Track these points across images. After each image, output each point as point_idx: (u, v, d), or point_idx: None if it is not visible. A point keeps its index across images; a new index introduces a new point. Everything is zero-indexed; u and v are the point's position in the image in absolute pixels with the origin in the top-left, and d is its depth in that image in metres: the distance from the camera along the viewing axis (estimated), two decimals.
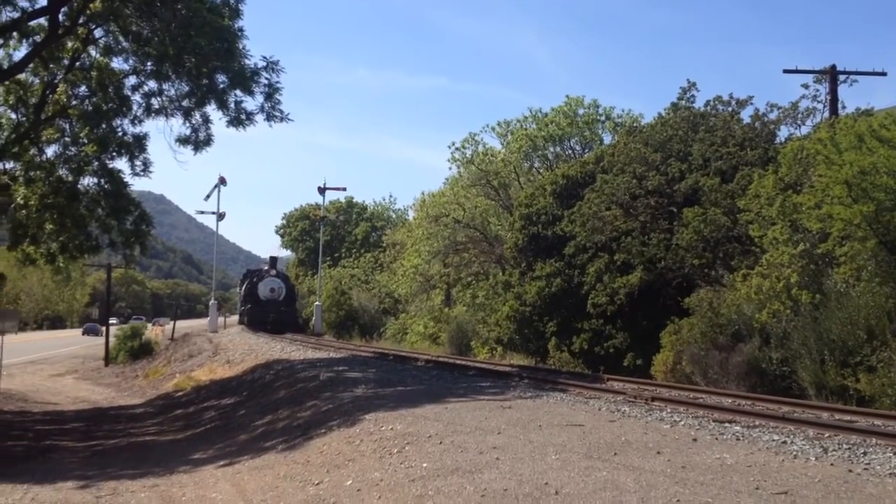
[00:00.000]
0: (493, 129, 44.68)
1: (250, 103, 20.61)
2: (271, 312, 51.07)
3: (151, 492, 10.82)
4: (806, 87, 25.61)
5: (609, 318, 25.37)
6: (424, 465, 9.07)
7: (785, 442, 9.74)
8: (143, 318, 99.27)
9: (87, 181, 22.59)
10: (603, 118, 42.82)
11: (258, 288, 53.39)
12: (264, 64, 20.31)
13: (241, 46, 19.85)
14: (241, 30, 20.06)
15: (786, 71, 25.34)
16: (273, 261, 59.46)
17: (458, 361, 26.00)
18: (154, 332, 60.87)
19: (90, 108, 21.84)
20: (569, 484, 7.68)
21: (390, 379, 17.91)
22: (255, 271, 60.78)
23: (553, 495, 7.39)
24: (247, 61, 20.09)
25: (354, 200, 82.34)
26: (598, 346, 25.45)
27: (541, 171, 42.25)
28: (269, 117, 20.70)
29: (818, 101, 25.47)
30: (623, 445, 9.39)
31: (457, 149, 44.76)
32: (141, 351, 48.16)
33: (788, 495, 7.06)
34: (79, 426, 20.91)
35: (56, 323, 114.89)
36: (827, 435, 10.49)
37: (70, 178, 22.22)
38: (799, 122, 25.70)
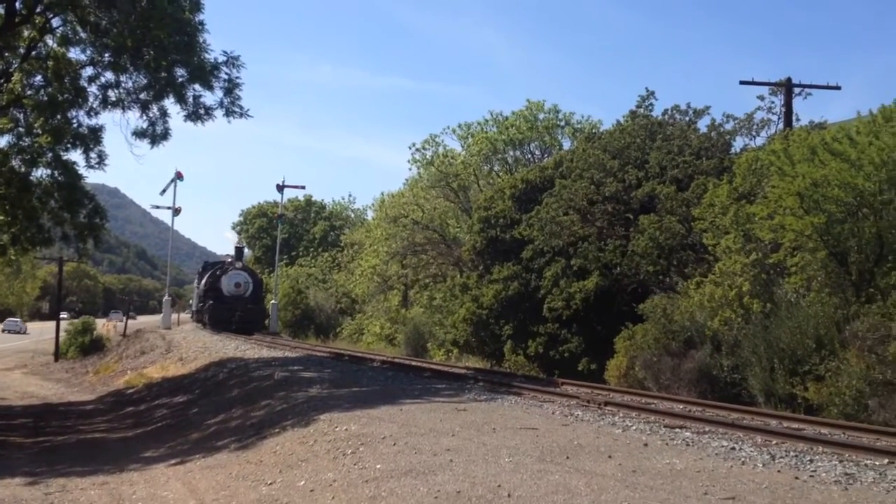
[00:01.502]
0: (454, 131, 44.83)
1: (209, 98, 20.50)
2: (237, 310, 44.91)
3: (101, 489, 10.68)
4: (762, 98, 26.03)
5: (565, 322, 25.56)
6: (378, 466, 9.08)
7: (734, 448, 9.90)
8: (131, 313, 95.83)
9: (41, 172, 22.27)
10: (563, 123, 43.18)
11: (221, 282, 47.20)
12: (225, 59, 20.24)
13: (201, 40, 19.76)
14: (201, 23, 19.92)
15: (742, 82, 25.71)
16: (239, 252, 53.40)
17: (414, 363, 26.00)
18: (106, 327, 59.91)
19: (45, 98, 21.49)
20: (521, 487, 7.74)
21: (345, 379, 17.87)
22: (216, 264, 54.53)
23: (506, 498, 7.44)
24: (207, 55, 20.00)
25: (313, 199, 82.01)
26: (554, 350, 25.62)
27: (500, 174, 42.44)
28: (229, 112, 20.61)
29: (773, 113, 25.91)
30: (575, 449, 9.48)
31: (417, 150, 44.88)
32: (92, 347, 47.42)
33: (736, 501, 7.19)
34: (27, 422, 20.56)
35: (5, 316, 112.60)
36: (775, 442, 10.68)
37: (22, 169, 21.87)
38: (754, 133, 26.12)
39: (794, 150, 17.83)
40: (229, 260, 52.64)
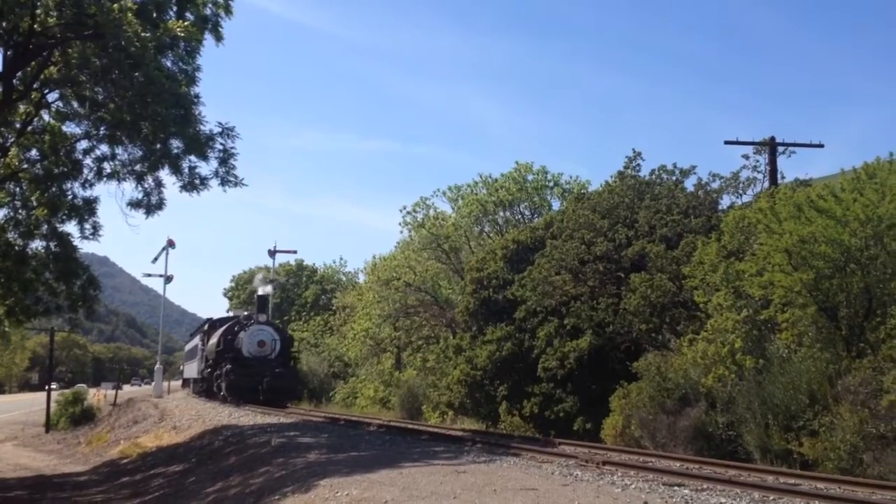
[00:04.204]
0: (444, 193, 45.29)
1: (204, 168, 20.76)
2: (265, 376, 36.14)
3: None
4: (746, 157, 26.55)
5: (559, 381, 25.64)
6: None
7: None
8: (147, 379, 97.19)
9: (36, 244, 22.51)
10: (551, 184, 43.70)
11: (240, 341, 38.26)
12: (220, 130, 20.50)
13: (197, 112, 20.07)
14: (197, 96, 20.28)
15: (727, 142, 26.21)
16: (263, 303, 43.21)
17: (411, 426, 25.96)
18: (96, 397, 59.40)
19: (41, 171, 21.83)
20: None
21: (343, 444, 17.88)
22: (227, 319, 46.34)
23: None
24: (202, 127, 20.28)
25: (304, 263, 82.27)
26: (549, 411, 25.63)
27: (491, 235, 42.83)
28: (224, 182, 20.78)
29: (758, 171, 26.40)
30: None
31: (408, 213, 45.22)
32: (83, 417, 47.08)
33: None
34: (22, 494, 20.41)
35: None
36: (772, 497, 10.78)
37: (19, 242, 22.08)
38: (740, 191, 26.58)
39: (781, 208, 18.19)
40: (245, 314, 44.15)
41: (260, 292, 44.59)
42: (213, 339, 42.83)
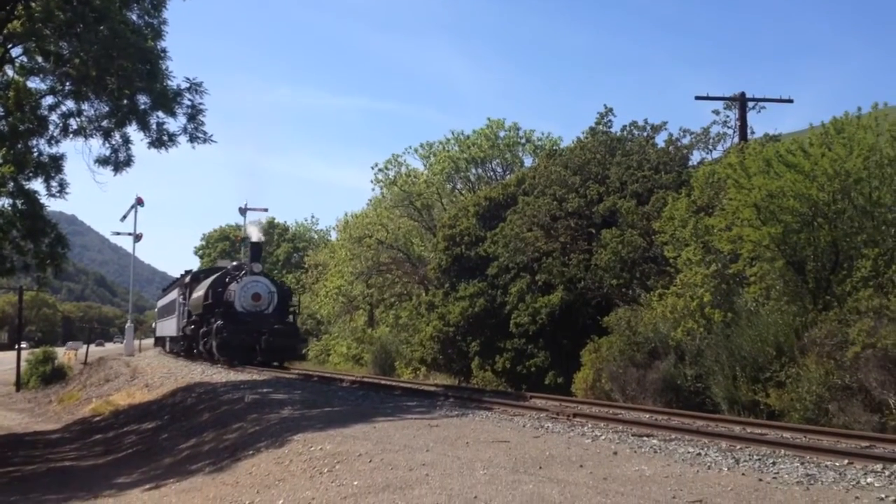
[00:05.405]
0: (416, 150, 45.12)
1: (173, 124, 20.51)
2: (263, 332, 31.49)
3: None
4: (717, 112, 26.62)
5: (531, 337, 25.83)
6: (355, 482, 9.24)
7: (699, 454, 10.20)
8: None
9: (2, 202, 22.19)
10: (523, 141, 43.64)
11: (232, 294, 33.18)
12: (187, 85, 20.24)
13: (164, 67, 19.78)
14: (164, 51, 19.99)
15: (697, 97, 26.23)
16: (256, 251, 36.20)
17: (384, 382, 26.10)
18: (67, 356, 59.07)
19: (6, 128, 21.43)
20: (497, 497, 7.95)
21: (316, 400, 17.95)
22: (214, 270, 41.42)
23: None
24: (170, 82, 20.00)
25: (276, 221, 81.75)
26: (521, 365, 25.87)
27: (463, 192, 42.79)
28: (193, 138, 20.60)
29: (728, 127, 26.49)
30: (547, 460, 9.70)
31: (380, 170, 45.08)
32: (53, 376, 46.85)
33: (703, 503, 7.47)
34: None
35: None
36: (739, 447, 11.00)
37: None
38: (710, 146, 26.67)
39: (750, 163, 18.29)
40: (234, 264, 39.19)
41: (254, 238, 38.43)
42: (199, 293, 37.87)
